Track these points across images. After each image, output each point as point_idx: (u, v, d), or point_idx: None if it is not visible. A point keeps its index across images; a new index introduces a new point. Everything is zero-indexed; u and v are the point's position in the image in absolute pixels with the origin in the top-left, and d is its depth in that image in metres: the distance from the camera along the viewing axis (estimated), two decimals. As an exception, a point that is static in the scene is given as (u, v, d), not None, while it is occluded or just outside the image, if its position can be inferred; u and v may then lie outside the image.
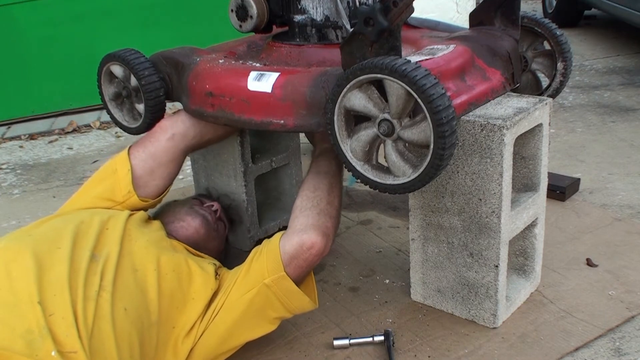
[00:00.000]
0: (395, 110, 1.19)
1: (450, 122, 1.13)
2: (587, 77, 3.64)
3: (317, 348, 1.48)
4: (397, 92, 1.16)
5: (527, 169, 1.53)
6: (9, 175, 2.82)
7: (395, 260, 1.83)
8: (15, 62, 3.44)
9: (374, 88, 1.21)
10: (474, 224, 1.43)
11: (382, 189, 1.27)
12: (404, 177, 1.23)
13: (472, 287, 1.49)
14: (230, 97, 1.44)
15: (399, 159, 1.22)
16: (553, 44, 1.63)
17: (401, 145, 1.22)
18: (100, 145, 3.15)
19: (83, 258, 1.21)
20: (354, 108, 1.24)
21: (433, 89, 1.12)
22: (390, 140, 1.22)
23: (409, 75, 1.12)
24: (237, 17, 1.59)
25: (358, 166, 1.28)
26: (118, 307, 1.16)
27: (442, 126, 1.12)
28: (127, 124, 1.71)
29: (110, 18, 3.50)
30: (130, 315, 1.18)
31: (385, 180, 1.26)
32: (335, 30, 1.52)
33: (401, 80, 1.13)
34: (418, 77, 1.12)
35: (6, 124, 3.50)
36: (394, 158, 1.23)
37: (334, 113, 1.26)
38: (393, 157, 1.23)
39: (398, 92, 1.16)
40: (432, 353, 1.44)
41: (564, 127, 2.84)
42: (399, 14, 1.18)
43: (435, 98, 1.11)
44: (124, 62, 1.61)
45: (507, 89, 1.50)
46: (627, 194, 2.16)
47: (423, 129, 1.16)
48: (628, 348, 1.43)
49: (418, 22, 1.73)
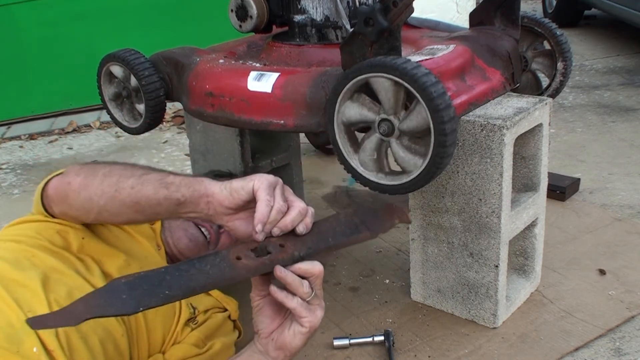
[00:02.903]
0: (389, 105, 1.19)
1: (447, 109, 1.13)
2: (587, 77, 3.64)
3: (317, 348, 1.48)
4: (384, 86, 1.16)
5: (527, 169, 1.53)
6: (9, 175, 2.82)
7: (395, 260, 1.83)
8: (15, 62, 3.44)
9: (364, 95, 1.22)
10: (474, 224, 1.43)
11: (401, 191, 1.25)
12: (417, 169, 1.21)
13: (472, 287, 1.49)
14: (230, 97, 1.44)
15: (407, 153, 1.21)
16: (553, 44, 1.63)
17: (406, 140, 1.22)
18: (100, 145, 3.15)
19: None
20: (350, 120, 1.25)
21: (426, 77, 1.12)
22: (394, 139, 1.22)
23: (398, 67, 1.13)
24: (237, 17, 1.59)
25: (372, 177, 1.27)
26: None
27: (440, 112, 1.12)
28: (127, 124, 1.71)
29: (110, 18, 3.50)
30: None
31: (401, 180, 1.24)
32: (335, 30, 1.52)
33: (390, 74, 1.14)
34: (408, 69, 1.12)
35: (6, 124, 3.50)
36: (402, 154, 1.22)
37: (334, 132, 1.27)
38: (401, 153, 1.22)
39: (385, 85, 1.16)
40: (432, 353, 1.44)
41: (564, 127, 2.84)
42: (399, 14, 1.18)
43: (429, 85, 1.12)
44: (123, 63, 1.60)
45: (507, 89, 1.50)
46: (627, 194, 2.16)
47: (418, 112, 1.15)
48: (628, 348, 1.43)
49: (418, 22, 1.73)
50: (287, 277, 0.94)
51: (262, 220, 0.93)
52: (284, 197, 0.97)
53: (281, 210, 0.95)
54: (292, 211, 0.96)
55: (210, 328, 1.37)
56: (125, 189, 1.07)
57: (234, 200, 0.97)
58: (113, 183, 1.09)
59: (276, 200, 0.95)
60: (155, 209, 1.06)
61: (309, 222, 0.98)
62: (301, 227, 0.96)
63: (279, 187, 0.97)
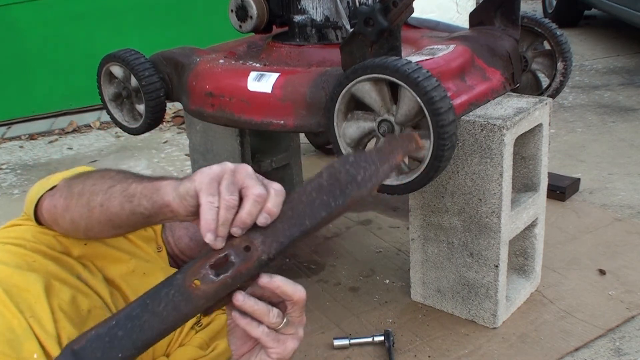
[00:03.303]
0: (378, 105, 1.21)
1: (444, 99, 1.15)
2: (587, 77, 3.64)
3: (317, 348, 1.48)
4: (365, 90, 1.18)
5: (527, 169, 1.53)
6: (9, 175, 2.82)
7: (395, 260, 1.83)
8: (15, 62, 3.44)
9: (386, 87, 1.22)
10: (474, 224, 1.43)
11: (401, 191, 1.26)
12: (425, 157, 1.21)
13: (472, 287, 1.49)
14: (230, 97, 1.44)
15: None
16: (553, 44, 1.63)
17: (408, 131, 1.22)
18: (100, 145, 3.15)
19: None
20: (353, 137, 1.27)
21: (442, 102, 1.14)
22: None
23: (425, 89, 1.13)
24: (237, 17, 1.59)
25: (345, 152, 1.29)
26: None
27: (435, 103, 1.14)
28: (128, 124, 1.71)
29: (110, 18, 3.50)
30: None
31: (401, 180, 1.25)
32: (335, 30, 1.52)
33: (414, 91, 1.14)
34: (432, 94, 1.14)
35: (6, 124, 3.50)
36: None
37: (339, 94, 1.26)
38: None
39: (365, 89, 1.18)
40: (432, 353, 1.44)
41: (564, 127, 2.84)
42: (398, 14, 1.18)
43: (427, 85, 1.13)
44: (124, 63, 1.61)
45: (507, 89, 1.50)
46: (627, 194, 2.16)
47: (405, 97, 1.17)
48: (628, 348, 1.43)
49: (418, 22, 1.73)
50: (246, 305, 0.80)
51: (208, 228, 0.78)
52: (235, 186, 0.80)
53: (230, 205, 0.78)
54: (246, 202, 0.79)
55: (214, 330, 1.36)
56: (96, 207, 0.97)
57: (186, 208, 0.83)
58: (85, 203, 1.00)
59: (222, 196, 0.79)
60: (130, 224, 0.96)
61: (272, 207, 0.79)
62: (262, 218, 0.79)
63: (225, 178, 0.80)
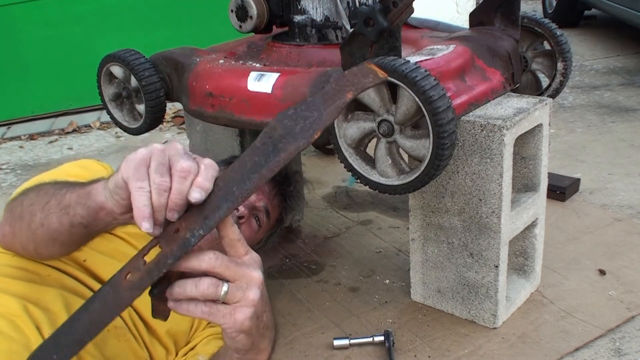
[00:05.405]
0: (378, 105, 1.21)
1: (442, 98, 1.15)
2: (587, 77, 3.64)
3: (317, 348, 1.48)
4: (409, 103, 1.17)
5: (527, 169, 1.53)
6: (9, 175, 2.82)
7: (395, 261, 1.83)
8: (15, 62, 3.45)
9: (385, 87, 1.22)
10: (474, 224, 1.43)
11: (400, 191, 1.28)
12: (386, 178, 1.26)
13: (472, 287, 1.49)
14: (230, 97, 1.44)
15: (413, 141, 1.23)
16: (553, 44, 1.63)
17: (408, 130, 1.23)
18: (100, 145, 3.15)
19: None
20: (354, 137, 1.28)
21: (440, 101, 1.14)
22: (397, 135, 1.23)
23: (423, 88, 1.14)
24: (237, 17, 1.59)
25: (346, 152, 1.30)
26: None
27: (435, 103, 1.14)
28: (128, 124, 1.71)
29: (110, 18, 3.51)
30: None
31: (370, 176, 1.29)
32: (335, 30, 1.52)
33: (412, 90, 1.14)
34: (430, 93, 1.14)
35: (6, 124, 3.50)
36: (410, 143, 1.23)
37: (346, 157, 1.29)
38: (408, 143, 1.23)
39: (410, 103, 1.17)
40: (432, 353, 1.44)
41: (564, 127, 2.84)
42: (398, 14, 1.18)
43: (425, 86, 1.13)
44: (124, 63, 1.61)
45: (507, 89, 1.50)
46: (627, 194, 2.16)
47: (403, 96, 1.17)
48: (628, 348, 1.43)
49: (418, 22, 1.73)
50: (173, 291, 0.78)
51: (142, 216, 0.73)
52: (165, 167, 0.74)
53: (162, 189, 0.73)
54: (174, 181, 0.73)
55: None
56: (38, 228, 0.92)
57: (119, 204, 0.79)
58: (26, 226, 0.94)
59: (152, 179, 0.73)
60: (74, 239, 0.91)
61: (203, 181, 0.74)
62: (194, 193, 0.73)
63: (154, 159, 0.75)
